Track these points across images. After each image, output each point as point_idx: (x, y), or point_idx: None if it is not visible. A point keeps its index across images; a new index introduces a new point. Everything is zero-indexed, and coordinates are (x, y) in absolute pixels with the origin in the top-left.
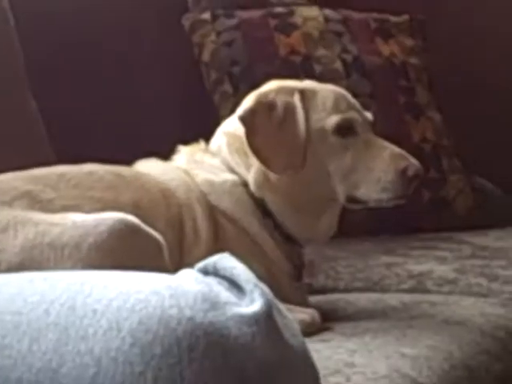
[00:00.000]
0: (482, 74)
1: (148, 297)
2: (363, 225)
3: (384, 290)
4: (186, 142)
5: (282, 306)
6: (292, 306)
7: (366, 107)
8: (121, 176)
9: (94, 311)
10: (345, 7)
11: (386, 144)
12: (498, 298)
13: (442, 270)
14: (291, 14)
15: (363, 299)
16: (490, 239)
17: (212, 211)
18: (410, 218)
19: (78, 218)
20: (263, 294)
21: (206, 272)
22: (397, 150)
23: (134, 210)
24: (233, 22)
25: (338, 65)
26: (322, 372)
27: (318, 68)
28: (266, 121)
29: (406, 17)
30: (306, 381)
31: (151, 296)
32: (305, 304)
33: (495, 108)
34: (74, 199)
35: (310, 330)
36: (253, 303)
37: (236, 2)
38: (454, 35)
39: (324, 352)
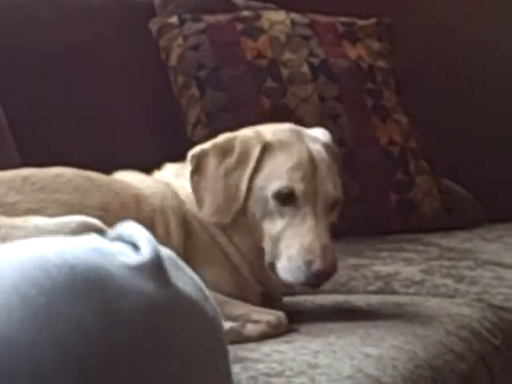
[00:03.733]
0: (450, 77)
1: (34, 248)
2: None
3: (351, 292)
4: (153, 147)
5: (188, 268)
6: (258, 308)
7: (334, 111)
8: (90, 179)
9: None
10: (312, 11)
11: (319, 226)
12: (464, 298)
13: (409, 271)
14: (258, 18)
15: (330, 300)
16: (458, 241)
17: (186, 219)
18: (377, 220)
19: (41, 222)
20: (154, 248)
21: (113, 240)
22: (320, 241)
23: (102, 212)
24: (200, 26)
25: (305, 68)
26: (286, 373)
27: (285, 72)
28: (214, 165)
29: (372, 20)
30: (198, 330)
31: (37, 247)
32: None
33: (465, 111)
34: (39, 202)
35: (276, 332)
36: (141, 255)
37: (203, 6)
38: (422, 38)
39: (288, 353)
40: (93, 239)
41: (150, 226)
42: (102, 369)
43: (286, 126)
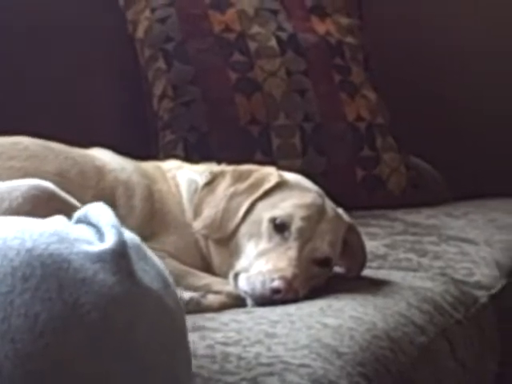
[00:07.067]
0: (418, 54)
1: None
2: None
3: None
4: (119, 120)
5: (151, 253)
6: (220, 279)
7: (301, 85)
8: (49, 148)
9: None
10: None
11: (300, 262)
12: (427, 272)
13: (373, 245)
14: None
15: None
16: (423, 217)
17: (153, 197)
18: (343, 196)
19: None
20: (119, 235)
21: (79, 221)
22: (293, 269)
23: (59, 179)
24: None
25: (273, 42)
26: (242, 342)
27: (252, 45)
28: (225, 186)
29: None
30: (158, 324)
31: (0, 230)
32: None
33: (432, 88)
34: None
35: (236, 303)
36: (104, 242)
37: None
38: (391, 14)
39: (247, 323)
40: (55, 222)
41: (111, 196)
42: (57, 369)
43: (317, 188)
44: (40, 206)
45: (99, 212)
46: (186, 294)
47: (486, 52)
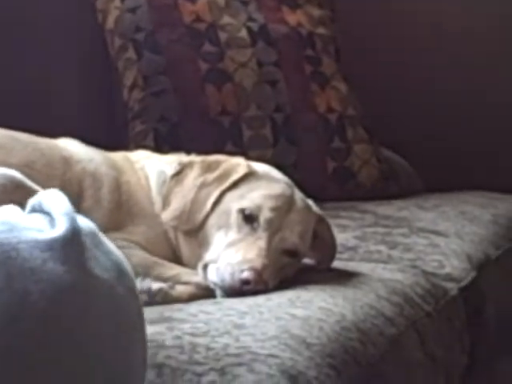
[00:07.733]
0: (392, 46)
1: None
2: None
3: None
4: (88, 109)
5: (107, 241)
6: (189, 270)
7: (272, 76)
8: (17, 139)
9: None
10: None
11: (269, 252)
12: (397, 264)
13: (343, 237)
14: None
15: None
16: (394, 209)
17: (120, 189)
18: (313, 188)
19: None
20: (71, 222)
21: (33, 210)
22: (262, 259)
23: (26, 170)
24: None
25: (244, 33)
26: (211, 333)
27: (223, 36)
28: (193, 176)
29: None
30: (108, 314)
31: None
32: None
33: (405, 81)
34: None
35: (205, 294)
36: (55, 230)
37: None
38: (363, 4)
39: (215, 314)
40: (8, 211)
41: (78, 188)
42: (6, 358)
43: (286, 179)
44: (7, 194)
45: (52, 199)
46: (155, 285)
47: (461, 43)
